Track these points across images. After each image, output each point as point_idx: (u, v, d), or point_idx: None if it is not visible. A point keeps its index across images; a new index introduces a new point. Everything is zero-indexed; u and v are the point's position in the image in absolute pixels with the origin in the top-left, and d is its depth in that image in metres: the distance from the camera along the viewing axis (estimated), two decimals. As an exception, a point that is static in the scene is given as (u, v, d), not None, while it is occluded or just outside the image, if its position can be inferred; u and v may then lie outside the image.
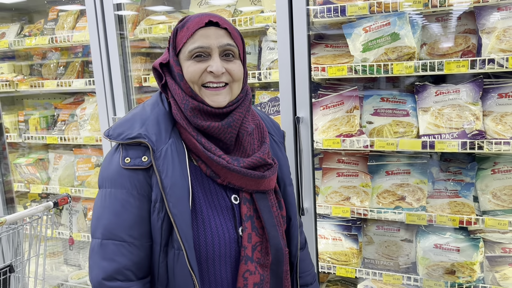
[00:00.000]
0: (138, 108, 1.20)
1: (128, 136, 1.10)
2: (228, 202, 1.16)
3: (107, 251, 1.09)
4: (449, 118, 1.86)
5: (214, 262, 1.12)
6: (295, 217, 1.28)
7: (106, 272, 1.08)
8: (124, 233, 1.09)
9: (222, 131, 1.12)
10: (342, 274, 2.08)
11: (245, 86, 1.21)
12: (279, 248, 1.17)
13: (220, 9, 2.28)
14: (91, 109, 2.65)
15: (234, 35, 1.15)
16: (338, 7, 1.85)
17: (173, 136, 1.13)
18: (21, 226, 1.84)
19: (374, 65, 1.84)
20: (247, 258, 1.13)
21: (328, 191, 2.11)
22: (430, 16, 1.94)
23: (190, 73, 1.12)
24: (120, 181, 1.10)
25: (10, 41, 2.73)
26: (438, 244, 1.94)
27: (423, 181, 2.01)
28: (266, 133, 1.24)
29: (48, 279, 2.85)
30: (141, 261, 1.11)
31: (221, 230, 1.12)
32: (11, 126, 2.96)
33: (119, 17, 2.26)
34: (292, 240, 1.27)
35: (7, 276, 1.70)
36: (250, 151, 1.17)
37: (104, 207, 1.11)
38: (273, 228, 1.16)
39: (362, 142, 1.92)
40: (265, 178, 1.15)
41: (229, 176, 1.13)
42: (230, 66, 1.14)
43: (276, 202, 1.22)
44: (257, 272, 1.14)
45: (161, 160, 1.08)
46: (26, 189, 2.91)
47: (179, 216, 1.07)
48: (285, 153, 1.33)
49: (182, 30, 1.14)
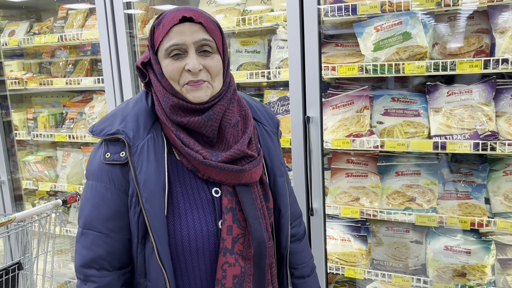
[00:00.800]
0: (122, 105, 1.21)
1: (108, 132, 1.13)
2: (209, 195, 1.16)
3: (86, 240, 1.15)
4: (461, 118, 1.83)
5: (191, 255, 1.13)
6: (285, 209, 1.28)
7: (84, 259, 1.15)
8: (101, 225, 1.13)
9: (203, 125, 1.13)
10: (351, 275, 2.06)
11: (227, 79, 1.20)
12: (261, 240, 1.17)
13: (230, 8, 2.27)
14: (100, 107, 2.65)
15: (210, 29, 1.13)
16: (349, 6, 1.83)
17: (152, 131, 1.15)
18: (29, 223, 1.84)
19: (385, 65, 1.82)
20: (226, 250, 1.13)
21: (337, 191, 2.10)
22: (442, 16, 1.92)
23: (169, 72, 1.12)
24: (100, 175, 1.14)
25: (20, 39, 2.73)
26: (449, 246, 1.91)
27: (434, 182, 1.99)
28: (250, 123, 1.22)
29: (55, 276, 2.86)
30: (117, 252, 1.15)
31: (199, 223, 1.13)
32: (20, 123, 2.98)
33: (129, 15, 2.26)
34: (282, 231, 1.27)
35: (15, 273, 1.71)
36: (233, 143, 1.17)
37: (86, 199, 1.16)
38: (255, 221, 1.16)
39: (372, 142, 1.90)
40: (244, 172, 1.15)
41: (208, 171, 1.14)
42: (208, 62, 1.12)
43: (262, 194, 1.21)
44: (238, 264, 1.14)
45: (136, 156, 1.10)
46: (35, 187, 2.92)
47: (150, 211, 1.09)
48: (277, 144, 1.31)
49: (159, 27, 1.13)
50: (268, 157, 1.26)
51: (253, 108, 1.31)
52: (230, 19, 2.15)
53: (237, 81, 2.21)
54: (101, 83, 2.49)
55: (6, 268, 1.67)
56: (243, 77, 2.15)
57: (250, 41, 2.31)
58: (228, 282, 1.13)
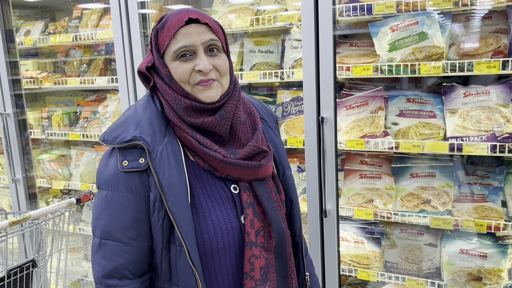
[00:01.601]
0: (130, 110, 1.20)
1: (124, 139, 1.11)
2: (228, 193, 1.18)
3: (106, 251, 1.14)
4: (478, 120, 1.81)
5: (219, 252, 1.15)
6: (296, 199, 1.31)
7: (104, 270, 1.14)
8: (121, 234, 1.13)
9: (216, 125, 1.14)
10: (364, 277, 2.04)
11: (233, 77, 1.22)
12: (281, 231, 1.20)
13: (243, 8, 2.26)
14: (113, 107, 2.66)
15: (215, 29, 1.14)
16: (365, 6, 1.81)
17: (167, 135, 1.15)
18: (44, 222, 1.85)
19: (400, 65, 1.80)
20: (251, 244, 1.15)
21: (350, 193, 2.08)
22: (459, 15, 1.89)
23: (179, 74, 1.13)
24: (117, 184, 1.12)
25: (35, 39, 2.76)
26: (464, 249, 1.88)
27: (449, 184, 1.96)
28: (258, 119, 1.25)
29: (68, 274, 2.89)
30: (138, 260, 1.15)
31: (223, 220, 1.15)
32: (34, 122, 3.01)
33: (142, 15, 2.26)
34: (295, 221, 1.31)
35: (30, 271, 1.72)
36: (245, 140, 1.19)
37: (101, 208, 1.15)
38: (273, 213, 1.19)
39: (387, 143, 1.88)
40: (261, 167, 1.18)
41: (226, 169, 1.15)
42: (216, 61, 1.14)
43: (275, 187, 1.24)
44: (262, 256, 1.17)
45: (157, 161, 1.10)
46: (48, 185, 2.95)
47: (178, 214, 1.09)
48: (279, 137, 1.34)
49: (163, 31, 1.13)
50: (275, 151, 1.29)
51: (255, 106, 1.32)
52: (244, 19, 2.14)
53: (250, 81, 2.20)
54: (114, 82, 2.50)
55: (21, 266, 1.68)
56: (256, 77, 2.14)
57: (264, 41, 2.30)
58: (257, 274, 1.15)
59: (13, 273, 1.63)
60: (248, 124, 1.22)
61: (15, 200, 2.92)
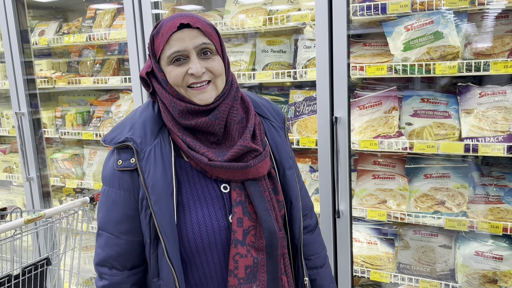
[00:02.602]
0: (131, 113, 1.27)
1: (118, 140, 1.19)
2: (218, 192, 1.20)
3: (100, 241, 1.24)
4: (494, 120, 1.78)
5: (204, 250, 1.18)
6: (296, 200, 1.30)
7: (98, 258, 1.24)
8: (113, 228, 1.21)
9: (210, 124, 1.17)
10: (377, 278, 2.03)
11: (229, 78, 1.24)
12: (272, 231, 1.20)
13: (256, 8, 2.26)
14: (126, 106, 2.68)
15: (207, 32, 1.17)
16: (379, 5, 1.80)
17: (160, 136, 1.20)
18: (57, 220, 1.87)
19: (415, 65, 1.79)
20: (236, 242, 1.17)
21: (363, 193, 2.07)
22: (475, 15, 1.87)
23: (173, 78, 1.17)
24: (112, 181, 1.20)
25: (50, 39, 2.79)
26: (480, 251, 1.86)
27: (464, 185, 1.94)
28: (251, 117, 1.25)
29: (81, 272, 2.91)
30: (127, 253, 1.21)
31: (209, 219, 1.18)
32: (48, 121, 3.04)
33: (156, 15, 2.27)
34: (295, 222, 1.30)
35: (44, 268, 1.74)
36: (238, 138, 1.21)
37: (101, 202, 1.24)
38: (265, 212, 1.19)
39: (401, 144, 1.87)
40: (249, 168, 1.18)
41: (215, 171, 1.18)
42: (209, 64, 1.17)
43: (271, 187, 1.25)
44: (250, 255, 1.18)
45: (144, 161, 1.15)
46: (62, 184, 2.97)
47: (159, 213, 1.14)
48: (284, 138, 1.35)
49: (158, 36, 1.17)
50: (276, 151, 1.29)
51: (258, 105, 1.34)
52: (257, 18, 2.14)
53: (262, 81, 2.19)
54: (127, 82, 2.51)
55: (35, 264, 1.70)
56: (268, 77, 2.14)
57: (276, 41, 2.30)
58: (241, 272, 1.17)
59: (27, 271, 1.65)
60: (245, 123, 1.24)
61: (29, 199, 2.96)
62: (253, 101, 1.33)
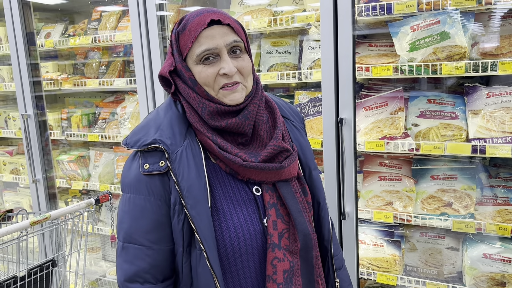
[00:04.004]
0: (152, 114, 1.20)
1: (144, 142, 1.11)
2: (250, 195, 1.15)
3: (128, 254, 1.13)
4: (502, 121, 1.76)
5: (241, 255, 1.12)
6: (324, 201, 1.27)
7: (127, 274, 1.13)
8: (142, 238, 1.12)
9: (240, 125, 1.12)
10: (383, 281, 2.01)
11: (255, 77, 1.20)
12: (306, 233, 1.16)
13: (261, 9, 2.25)
14: (131, 108, 2.68)
15: (237, 29, 1.11)
16: (384, 5, 1.79)
17: (188, 137, 1.13)
18: (63, 222, 1.87)
19: (421, 65, 1.77)
20: (274, 245, 1.12)
21: (369, 195, 2.05)
22: (482, 14, 1.85)
23: (203, 78, 1.10)
24: (139, 187, 1.11)
25: (55, 41, 2.80)
26: (488, 253, 1.84)
27: (471, 187, 1.92)
28: (278, 116, 1.21)
29: (87, 273, 2.92)
30: (160, 264, 1.13)
31: (245, 223, 1.12)
32: (54, 123, 3.05)
33: (161, 17, 2.28)
34: (324, 224, 1.26)
35: (50, 270, 1.74)
36: (267, 139, 1.17)
37: (124, 212, 1.14)
38: (298, 214, 1.15)
39: (407, 145, 1.85)
40: (283, 169, 1.14)
41: (247, 173, 1.13)
42: (240, 63, 1.11)
43: (300, 188, 1.20)
44: (286, 259, 1.13)
45: (176, 163, 1.09)
46: (68, 185, 2.98)
47: (197, 218, 1.07)
48: (306, 138, 1.31)
49: (184, 33, 1.11)
50: (301, 152, 1.25)
51: (279, 105, 1.29)
52: (262, 19, 2.14)
53: (267, 82, 2.19)
54: (133, 84, 2.52)
55: (41, 265, 1.70)
56: (273, 78, 2.13)
57: (281, 42, 2.29)
58: (279, 278, 1.12)
59: (33, 272, 1.65)
60: (271, 123, 1.20)
61: (35, 200, 2.97)
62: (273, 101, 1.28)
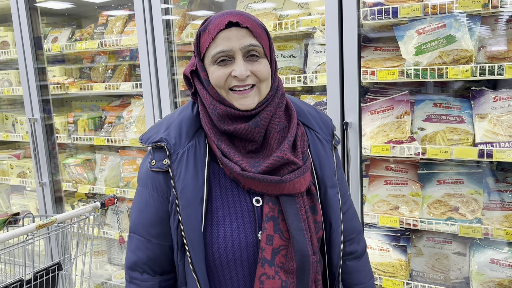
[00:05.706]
0: (170, 113, 1.23)
1: (153, 140, 1.14)
2: (250, 205, 1.11)
3: (132, 244, 1.19)
4: (509, 125, 1.75)
5: (229, 265, 1.10)
6: (337, 223, 1.17)
7: (129, 262, 1.20)
8: (144, 230, 1.16)
9: (250, 132, 1.09)
10: (389, 286, 1.99)
11: (275, 83, 1.14)
12: (304, 254, 1.08)
13: (266, 13, 2.26)
14: (137, 112, 2.69)
15: (257, 33, 1.07)
16: (390, 9, 1.78)
17: (196, 139, 1.13)
18: (69, 225, 1.88)
19: (427, 69, 1.76)
20: (264, 261, 1.07)
21: (375, 199, 2.04)
22: (488, 18, 1.84)
23: (215, 78, 1.09)
24: (146, 182, 1.16)
25: (62, 45, 2.82)
26: (495, 259, 1.82)
27: (478, 191, 1.90)
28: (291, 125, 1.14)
29: (92, 277, 2.92)
30: (158, 258, 1.17)
31: (237, 233, 1.09)
32: (60, 127, 3.07)
33: (166, 21, 2.29)
34: (334, 248, 1.18)
35: (55, 273, 1.75)
36: (276, 148, 1.11)
37: (134, 203, 1.20)
38: (298, 232, 1.08)
39: (413, 149, 1.84)
40: (284, 183, 1.07)
41: (247, 182, 1.09)
42: (255, 67, 1.08)
43: (309, 205, 1.13)
44: (278, 278, 1.07)
45: (176, 163, 1.10)
46: (74, 189, 3.00)
47: (186, 219, 1.08)
48: (331, 152, 1.21)
49: (204, 33, 1.10)
50: (318, 166, 1.17)
51: (304, 113, 1.22)
52: (267, 23, 2.14)
53: (273, 86, 2.19)
54: (139, 88, 2.53)
55: (47, 268, 1.71)
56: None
57: (286, 46, 2.29)
58: None
59: (39, 276, 1.66)
60: (287, 132, 1.14)
61: (42, 204, 2.98)
62: (299, 109, 1.22)
